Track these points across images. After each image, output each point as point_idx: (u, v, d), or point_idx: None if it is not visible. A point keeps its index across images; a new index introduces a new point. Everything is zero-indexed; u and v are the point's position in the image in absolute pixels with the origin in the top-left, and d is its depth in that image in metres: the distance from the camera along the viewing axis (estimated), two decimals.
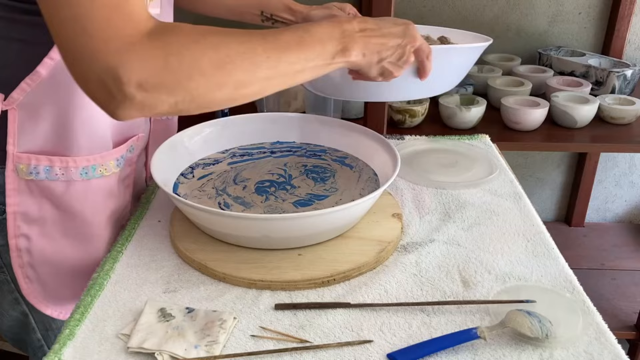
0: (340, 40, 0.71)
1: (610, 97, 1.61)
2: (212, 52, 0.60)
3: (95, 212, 0.88)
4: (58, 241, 0.87)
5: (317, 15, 1.02)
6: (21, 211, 0.83)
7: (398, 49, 0.77)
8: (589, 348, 0.68)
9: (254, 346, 0.69)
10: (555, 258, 0.85)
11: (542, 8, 1.86)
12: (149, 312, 0.72)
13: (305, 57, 0.68)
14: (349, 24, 0.73)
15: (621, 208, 2.16)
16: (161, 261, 0.84)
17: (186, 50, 0.58)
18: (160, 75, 0.57)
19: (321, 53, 0.70)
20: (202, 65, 0.59)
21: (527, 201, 0.99)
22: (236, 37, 0.63)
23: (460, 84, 1.65)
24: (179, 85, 0.58)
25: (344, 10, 1.04)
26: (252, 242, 0.83)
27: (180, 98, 0.59)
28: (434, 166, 1.11)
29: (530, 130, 1.55)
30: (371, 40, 0.74)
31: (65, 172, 0.82)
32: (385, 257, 0.84)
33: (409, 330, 0.71)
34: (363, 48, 0.74)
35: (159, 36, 0.58)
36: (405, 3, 1.86)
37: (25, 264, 0.87)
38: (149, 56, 0.56)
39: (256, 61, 0.63)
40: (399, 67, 0.79)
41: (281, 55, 0.65)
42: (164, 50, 0.57)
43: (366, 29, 0.74)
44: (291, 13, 1.04)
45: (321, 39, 0.70)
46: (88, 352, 0.68)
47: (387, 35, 0.76)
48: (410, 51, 0.78)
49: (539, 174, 2.10)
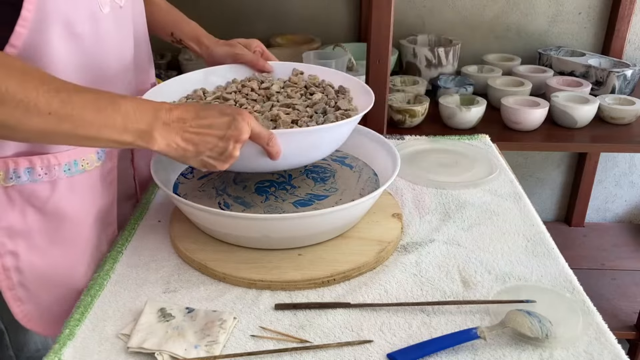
0: (149, 124, 0.67)
1: (610, 97, 1.61)
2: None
3: (82, 212, 0.84)
4: (47, 252, 0.82)
5: (219, 53, 1.03)
6: (3, 226, 0.78)
7: (219, 143, 0.71)
8: (589, 348, 0.68)
9: (254, 346, 0.69)
10: (555, 258, 0.85)
11: (542, 8, 1.86)
12: (149, 312, 0.72)
13: (98, 128, 0.64)
14: (166, 111, 0.69)
15: (621, 208, 2.16)
16: (161, 261, 0.84)
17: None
18: None
19: (120, 130, 0.66)
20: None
21: (527, 201, 0.99)
22: (28, 82, 0.60)
23: (461, 84, 1.66)
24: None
25: (249, 46, 1.03)
26: (252, 242, 0.83)
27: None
28: (434, 166, 1.11)
29: (530, 130, 1.55)
30: (187, 131, 0.69)
31: (48, 171, 0.78)
32: (385, 257, 0.84)
33: (409, 330, 0.71)
34: (173, 138, 0.69)
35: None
36: (405, 3, 1.86)
37: (16, 285, 0.81)
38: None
39: (30, 113, 0.60)
40: (222, 162, 0.73)
41: (66, 116, 0.62)
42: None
43: (185, 119, 0.69)
44: (197, 44, 1.05)
45: (126, 115, 0.66)
46: (88, 352, 0.68)
47: (207, 127, 0.70)
48: (235, 146, 0.72)
49: (539, 174, 2.10)
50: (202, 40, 1.04)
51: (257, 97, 0.93)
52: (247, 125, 0.72)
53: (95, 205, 0.88)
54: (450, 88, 1.65)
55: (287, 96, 0.93)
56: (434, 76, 1.73)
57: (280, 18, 1.91)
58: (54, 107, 0.61)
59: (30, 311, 0.84)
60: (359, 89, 0.95)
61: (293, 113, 0.86)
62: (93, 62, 0.80)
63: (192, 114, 0.70)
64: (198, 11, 1.87)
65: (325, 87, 0.97)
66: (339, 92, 0.96)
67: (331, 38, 1.89)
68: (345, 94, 0.95)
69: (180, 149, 0.70)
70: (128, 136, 0.67)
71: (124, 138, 0.67)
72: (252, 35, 1.12)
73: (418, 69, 1.76)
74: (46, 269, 0.83)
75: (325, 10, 1.90)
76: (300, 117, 0.85)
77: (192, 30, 1.05)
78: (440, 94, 1.63)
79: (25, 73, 0.61)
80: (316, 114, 0.87)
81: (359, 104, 0.92)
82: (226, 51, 1.03)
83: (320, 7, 1.89)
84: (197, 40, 1.05)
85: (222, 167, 0.74)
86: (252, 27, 1.91)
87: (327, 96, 0.93)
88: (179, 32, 1.05)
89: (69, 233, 0.84)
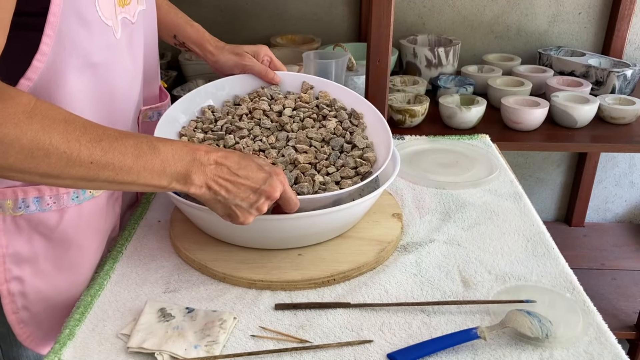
0: (187, 166, 0.67)
1: (610, 97, 1.61)
2: (33, 136, 0.59)
3: (88, 237, 0.83)
4: (52, 277, 0.82)
5: (226, 62, 1.01)
6: (10, 253, 0.77)
7: (252, 195, 0.71)
8: (589, 348, 0.68)
9: (254, 346, 0.69)
10: (555, 258, 0.85)
11: (542, 8, 1.86)
12: (149, 312, 0.72)
13: (138, 173, 0.65)
14: (205, 153, 0.69)
15: (621, 208, 2.16)
16: (161, 261, 0.84)
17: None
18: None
19: (159, 174, 0.66)
20: (21, 143, 0.58)
21: (527, 201, 0.99)
22: (70, 133, 0.61)
23: (461, 84, 1.66)
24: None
25: (257, 55, 1.01)
26: (252, 242, 0.83)
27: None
28: (434, 166, 1.11)
29: (530, 130, 1.55)
30: (223, 177, 0.69)
31: (56, 200, 0.77)
32: (385, 257, 0.84)
33: (409, 330, 0.71)
34: (209, 181, 0.68)
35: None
36: (405, 3, 1.86)
37: (20, 309, 0.81)
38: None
39: (73, 163, 0.61)
40: (248, 214, 0.72)
41: (107, 164, 0.63)
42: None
43: (223, 165, 0.69)
44: (201, 49, 1.03)
45: (165, 160, 0.66)
46: (88, 352, 0.68)
47: (243, 177, 0.70)
48: (265, 202, 0.72)
49: (539, 174, 2.10)
50: (205, 46, 1.02)
51: (270, 125, 0.92)
52: (281, 185, 0.72)
53: (102, 229, 0.87)
54: (450, 88, 1.65)
55: (301, 124, 0.92)
56: (434, 76, 1.73)
57: (280, 18, 1.91)
58: (96, 157, 0.62)
59: (33, 332, 0.84)
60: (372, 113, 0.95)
61: (310, 152, 0.86)
62: (106, 87, 0.79)
63: (231, 161, 0.70)
64: (198, 11, 1.88)
65: (337, 109, 0.96)
66: (351, 117, 0.95)
67: (331, 38, 1.89)
68: (358, 121, 0.94)
69: (212, 192, 0.69)
70: (166, 179, 0.67)
71: (162, 181, 0.67)
72: (252, 34, 1.11)
73: (418, 69, 1.76)
74: (50, 292, 0.83)
75: (325, 10, 1.90)
76: (319, 160, 0.86)
77: (195, 33, 1.03)
78: (440, 94, 1.63)
79: (68, 123, 0.61)
80: (333, 152, 0.87)
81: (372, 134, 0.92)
82: (234, 61, 1.01)
83: (320, 7, 1.89)
84: (201, 45, 1.03)
85: (245, 220, 0.72)
86: (252, 27, 1.91)
87: (340, 123, 0.93)
88: (181, 35, 1.03)
89: (75, 258, 0.83)
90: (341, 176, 0.84)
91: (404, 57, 1.78)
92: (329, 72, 1.18)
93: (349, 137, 0.91)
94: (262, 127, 0.92)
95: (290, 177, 0.81)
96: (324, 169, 0.85)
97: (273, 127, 0.92)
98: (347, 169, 0.84)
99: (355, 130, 0.92)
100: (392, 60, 1.65)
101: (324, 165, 0.85)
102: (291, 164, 0.85)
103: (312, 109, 0.96)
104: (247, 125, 0.91)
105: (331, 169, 0.84)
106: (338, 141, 0.89)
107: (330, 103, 0.97)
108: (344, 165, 0.86)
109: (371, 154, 0.88)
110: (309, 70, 1.20)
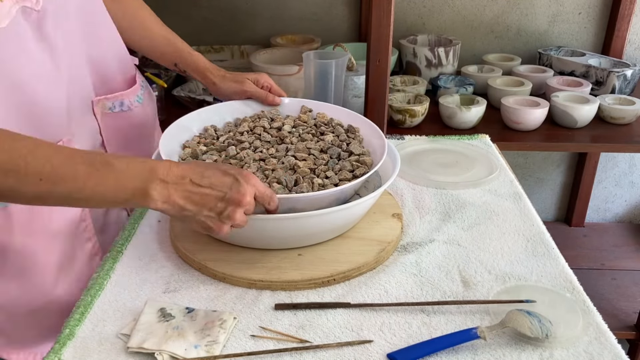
0: (144, 181, 0.65)
1: (610, 97, 1.61)
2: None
3: (31, 240, 0.79)
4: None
5: (227, 90, 1.02)
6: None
7: (219, 203, 0.68)
8: (589, 348, 0.68)
9: (254, 346, 0.69)
10: (555, 258, 0.85)
11: (542, 8, 1.86)
12: (148, 312, 0.72)
13: (93, 189, 0.63)
14: (165, 168, 0.67)
15: (621, 208, 2.16)
16: (161, 261, 0.84)
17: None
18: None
19: (114, 189, 0.64)
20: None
21: (527, 201, 0.99)
22: (18, 150, 0.60)
23: (461, 84, 1.66)
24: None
25: (258, 82, 1.02)
26: (252, 242, 0.83)
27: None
28: (434, 166, 1.11)
29: (530, 130, 1.55)
30: (186, 190, 0.67)
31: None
32: (385, 257, 0.84)
33: (409, 330, 0.71)
34: (173, 197, 0.67)
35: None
36: (405, 3, 1.86)
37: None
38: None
39: (24, 180, 0.61)
40: (220, 223, 0.70)
41: (60, 181, 0.62)
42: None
43: (184, 177, 0.67)
44: (203, 78, 1.04)
45: (120, 176, 0.65)
46: (88, 352, 0.68)
47: (207, 186, 0.68)
48: (236, 210, 0.69)
49: (539, 174, 2.10)
50: (207, 75, 1.03)
51: (270, 139, 0.93)
52: (250, 187, 0.70)
53: (52, 228, 0.82)
54: (450, 88, 1.65)
55: (300, 137, 0.94)
56: (434, 76, 1.73)
57: (280, 18, 1.90)
58: (45, 174, 0.61)
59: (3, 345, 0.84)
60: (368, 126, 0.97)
61: (309, 159, 0.87)
62: (6, 82, 0.73)
63: (193, 173, 0.68)
64: (199, 11, 1.88)
65: (334, 126, 0.98)
66: (348, 132, 0.97)
67: (331, 38, 1.89)
68: (355, 134, 0.96)
69: (178, 207, 0.67)
70: (123, 194, 0.65)
71: (119, 196, 0.65)
72: (251, 35, 1.12)
73: (418, 69, 1.76)
74: (2, 301, 0.81)
75: (325, 10, 1.90)
76: (317, 165, 0.87)
77: (195, 63, 1.04)
78: (440, 94, 1.63)
79: (15, 140, 0.61)
80: (331, 160, 0.88)
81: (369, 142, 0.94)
82: (234, 88, 1.02)
83: (320, 7, 1.89)
84: (203, 74, 1.03)
85: (221, 230, 0.70)
86: (251, 27, 1.91)
87: (338, 137, 0.94)
88: (182, 64, 1.05)
89: (22, 263, 0.80)
90: (339, 179, 0.84)
91: (404, 57, 1.78)
92: (329, 72, 1.18)
93: (345, 147, 0.92)
94: (263, 140, 0.93)
95: (290, 180, 0.82)
96: (323, 174, 0.85)
97: (273, 141, 0.93)
98: (345, 172, 0.85)
99: (352, 142, 0.94)
100: (392, 60, 1.65)
101: (323, 170, 0.86)
102: (291, 169, 0.86)
103: (311, 127, 0.97)
104: (248, 139, 0.93)
105: (329, 173, 0.85)
106: (335, 150, 0.90)
107: (327, 122, 1.00)
108: (341, 169, 0.86)
109: (367, 157, 0.89)
110: (309, 70, 1.20)
